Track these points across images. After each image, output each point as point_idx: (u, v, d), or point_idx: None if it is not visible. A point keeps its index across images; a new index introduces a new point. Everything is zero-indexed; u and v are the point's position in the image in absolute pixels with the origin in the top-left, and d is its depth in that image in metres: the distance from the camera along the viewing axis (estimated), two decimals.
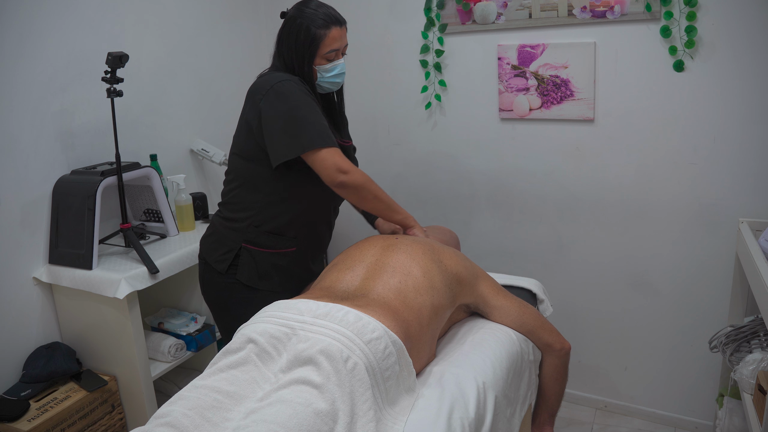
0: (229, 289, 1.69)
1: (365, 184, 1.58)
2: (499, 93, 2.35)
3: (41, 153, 1.95)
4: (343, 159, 1.55)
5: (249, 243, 1.66)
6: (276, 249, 1.68)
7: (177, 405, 1.13)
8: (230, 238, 1.68)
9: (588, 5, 2.10)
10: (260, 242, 1.66)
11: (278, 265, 1.69)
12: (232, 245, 1.67)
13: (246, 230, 1.66)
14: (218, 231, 1.72)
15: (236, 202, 1.68)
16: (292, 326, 1.26)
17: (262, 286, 1.67)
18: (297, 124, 1.53)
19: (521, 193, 2.43)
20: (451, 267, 1.51)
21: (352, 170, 1.55)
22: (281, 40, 1.64)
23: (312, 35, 1.58)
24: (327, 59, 1.63)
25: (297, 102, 1.54)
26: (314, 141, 1.53)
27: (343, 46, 1.66)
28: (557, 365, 1.63)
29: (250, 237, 1.66)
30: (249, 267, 1.66)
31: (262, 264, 1.67)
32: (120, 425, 2.00)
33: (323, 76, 1.64)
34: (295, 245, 1.70)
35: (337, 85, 1.71)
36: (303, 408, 1.08)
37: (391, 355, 1.23)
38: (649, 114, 2.12)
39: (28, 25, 1.88)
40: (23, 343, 1.94)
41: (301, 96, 1.55)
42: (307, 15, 1.58)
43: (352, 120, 2.70)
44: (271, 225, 1.66)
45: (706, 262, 2.15)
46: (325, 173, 1.54)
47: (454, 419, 1.22)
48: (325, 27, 1.59)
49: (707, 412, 2.28)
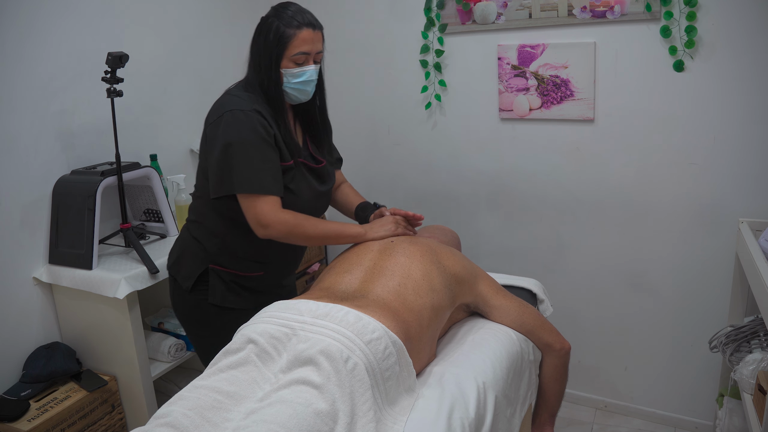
0: (199, 308, 1.65)
1: (291, 232, 1.51)
2: (499, 93, 2.35)
3: (41, 153, 1.95)
4: (267, 211, 1.48)
5: (216, 264, 1.62)
6: (244, 272, 1.64)
7: (177, 405, 1.13)
8: (198, 257, 1.63)
9: (588, 5, 2.10)
10: (227, 264, 1.62)
11: (247, 286, 1.65)
12: (199, 264, 1.62)
13: (213, 252, 1.62)
14: (186, 248, 1.67)
15: (202, 223, 1.63)
16: (292, 326, 1.26)
17: (232, 304, 1.63)
18: (230, 162, 1.47)
19: (521, 193, 2.43)
20: (450, 267, 1.51)
21: (272, 224, 1.48)
22: (253, 41, 1.57)
23: (280, 34, 1.49)
24: (295, 62, 1.52)
25: (238, 137, 1.46)
26: (241, 185, 1.47)
27: (316, 52, 1.54)
28: (557, 365, 1.63)
29: (217, 260, 1.62)
30: (218, 287, 1.62)
31: (230, 284, 1.63)
32: (120, 425, 2.00)
33: (289, 82, 1.53)
34: (262, 269, 1.66)
35: (305, 94, 1.58)
36: (303, 408, 1.08)
37: (391, 355, 1.23)
38: (649, 114, 2.12)
39: (29, 25, 1.88)
40: (23, 343, 1.94)
41: (245, 131, 1.47)
42: (280, 15, 1.51)
43: (352, 120, 2.72)
44: (236, 250, 1.61)
45: (706, 262, 2.15)
46: (249, 222, 1.50)
47: (454, 419, 1.22)
48: (296, 27, 1.49)
49: (707, 412, 2.28)
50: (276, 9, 1.54)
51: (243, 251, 1.61)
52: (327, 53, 2.70)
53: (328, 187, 1.72)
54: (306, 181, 1.62)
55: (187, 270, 1.64)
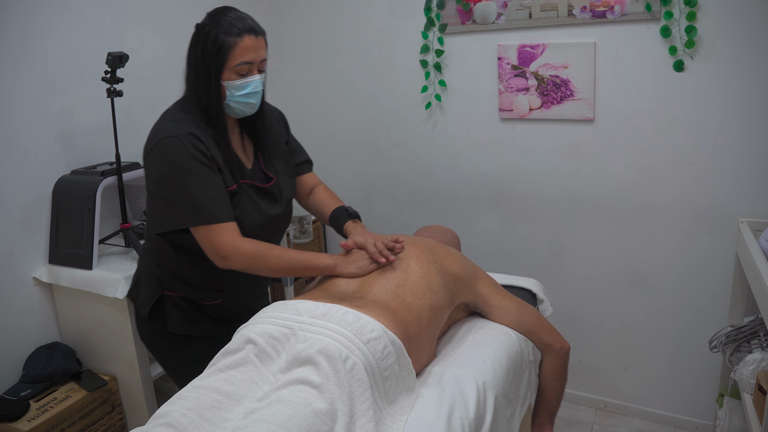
0: (161, 336, 1.56)
1: (252, 264, 1.40)
2: (499, 93, 2.35)
3: (41, 153, 1.95)
4: (225, 241, 1.36)
5: (171, 291, 1.52)
6: (202, 301, 1.53)
7: (176, 405, 1.13)
8: (153, 284, 1.53)
9: (588, 5, 2.10)
10: (183, 292, 1.52)
11: (208, 314, 1.55)
12: (154, 291, 1.52)
13: (166, 280, 1.51)
14: (142, 273, 1.57)
15: (154, 250, 1.53)
16: (290, 326, 1.26)
17: (194, 332, 1.54)
18: (172, 195, 1.36)
19: (521, 193, 2.43)
20: (449, 267, 1.51)
21: (232, 256, 1.37)
22: (188, 53, 1.42)
23: (220, 43, 1.35)
24: (238, 73, 1.39)
25: (176, 167, 1.34)
26: (190, 218, 1.36)
27: (259, 60, 1.41)
28: (557, 365, 1.63)
29: (172, 287, 1.51)
30: (174, 315, 1.52)
31: (190, 312, 1.53)
32: (120, 425, 2.00)
33: (233, 95, 1.40)
34: (220, 298, 1.54)
35: (251, 107, 1.45)
36: (302, 408, 1.08)
37: (390, 354, 1.23)
38: (649, 114, 2.12)
39: (29, 25, 1.88)
40: (23, 343, 1.94)
41: (182, 158, 1.34)
42: (217, 22, 1.37)
43: (352, 120, 2.72)
44: (187, 279, 1.51)
45: (706, 262, 2.15)
46: (207, 254, 1.40)
47: (454, 419, 1.22)
48: (236, 35, 1.35)
49: (707, 412, 2.28)
50: (212, 15, 1.40)
51: (195, 280, 1.51)
52: (327, 53, 2.72)
53: (281, 210, 1.55)
54: (253, 205, 1.48)
55: (144, 296, 1.55)
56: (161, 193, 1.39)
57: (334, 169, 2.81)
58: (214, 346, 1.35)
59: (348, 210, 1.61)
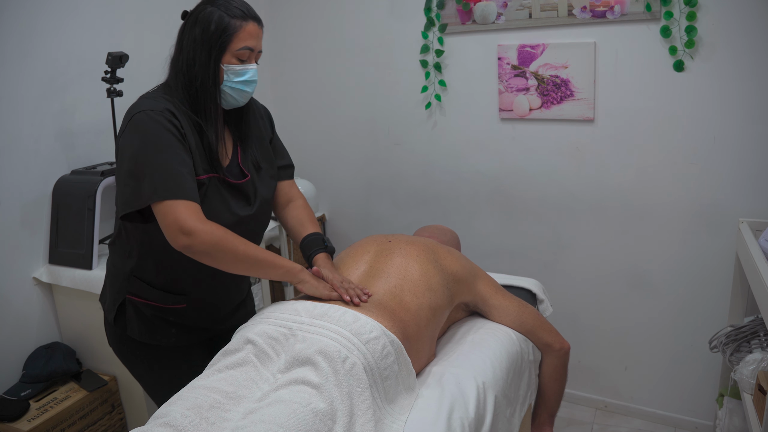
0: (123, 341, 1.46)
1: (218, 244, 1.25)
2: (499, 93, 2.35)
3: (41, 153, 1.95)
4: (189, 216, 1.23)
5: (133, 294, 1.41)
6: (164, 304, 1.40)
7: (176, 405, 1.13)
8: (115, 286, 1.43)
9: (588, 5, 2.10)
10: (145, 295, 1.40)
11: (174, 321, 1.43)
12: (116, 295, 1.42)
13: (128, 280, 1.40)
14: (108, 274, 1.48)
15: (117, 245, 1.43)
16: (290, 327, 1.26)
17: (157, 341, 1.43)
18: (142, 170, 1.24)
19: (521, 193, 2.43)
20: (448, 266, 1.51)
21: (196, 231, 1.22)
22: (182, 35, 1.34)
23: (225, 24, 1.29)
24: (238, 58, 1.33)
25: (147, 140, 1.25)
26: (156, 191, 1.23)
27: (258, 50, 1.37)
28: (557, 365, 1.63)
29: (133, 288, 1.40)
30: (136, 321, 1.41)
31: (153, 318, 1.41)
32: (120, 425, 2.00)
33: (230, 80, 1.34)
34: (184, 302, 1.41)
35: (244, 96, 1.38)
36: (302, 408, 1.08)
37: (389, 354, 1.23)
38: (649, 114, 2.12)
39: (29, 25, 1.88)
40: (23, 343, 1.94)
41: (155, 132, 1.25)
42: (220, 4, 1.31)
43: (352, 120, 2.72)
44: (151, 277, 1.39)
45: (706, 262, 2.15)
46: (166, 233, 1.25)
47: (454, 419, 1.22)
48: (242, 18, 1.31)
49: (707, 412, 2.28)
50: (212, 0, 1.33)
51: (153, 278, 1.39)
52: (327, 53, 2.72)
53: (253, 210, 1.43)
54: (222, 201, 1.36)
55: (110, 300, 1.45)
56: (132, 169, 1.25)
57: (334, 169, 2.81)
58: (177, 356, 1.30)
59: (326, 242, 1.49)
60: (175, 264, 1.34)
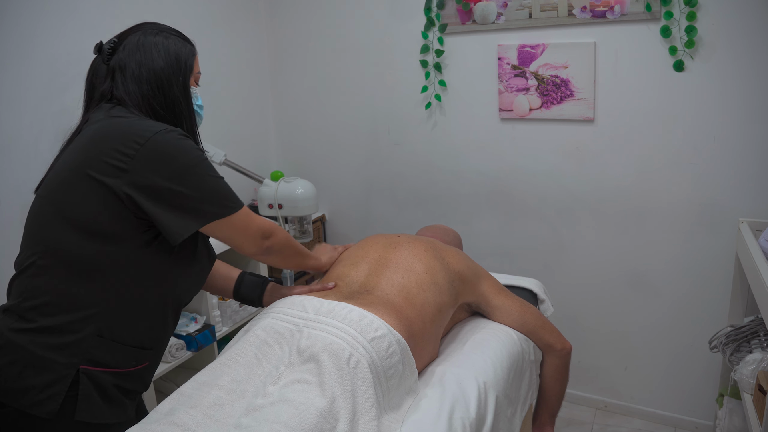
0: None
1: (289, 239, 1.33)
2: (499, 93, 2.35)
3: (41, 153, 1.94)
4: (261, 218, 1.26)
5: (90, 363, 1.12)
6: (127, 368, 1.18)
7: (178, 402, 1.13)
8: (57, 362, 1.10)
9: (588, 5, 2.10)
10: (106, 360, 1.14)
11: (129, 389, 1.20)
12: (61, 371, 1.10)
13: (85, 343, 1.11)
14: (27, 355, 1.10)
15: (61, 303, 1.12)
16: (296, 323, 1.26)
17: (114, 418, 1.16)
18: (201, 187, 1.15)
19: (521, 193, 2.43)
20: (453, 265, 1.51)
21: (276, 229, 1.27)
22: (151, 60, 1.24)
23: (188, 49, 1.29)
24: (196, 81, 1.32)
25: (190, 159, 1.14)
26: (233, 203, 1.19)
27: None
28: (558, 365, 1.63)
29: (93, 353, 1.12)
30: (92, 398, 1.12)
31: (108, 389, 1.15)
32: None
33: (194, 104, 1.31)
34: (148, 359, 1.22)
35: (200, 119, 1.34)
36: (305, 407, 1.08)
37: (394, 354, 1.23)
38: (649, 114, 2.12)
39: (29, 25, 1.88)
40: None
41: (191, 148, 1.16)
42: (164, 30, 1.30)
43: (352, 120, 2.72)
44: (123, 330, 1.16)
45: (706, 262, 2.15)
46: (246, 242, 1.23)
47: (455, 419, 1.22)
48: (191, 44, 1.32)
49: (707, 412, 2.28)
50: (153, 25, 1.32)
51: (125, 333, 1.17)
52: (327, 53, 2.72)
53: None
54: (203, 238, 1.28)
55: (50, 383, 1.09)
56: (177, 189, 1.12)
57: (334, 169, 2.81)
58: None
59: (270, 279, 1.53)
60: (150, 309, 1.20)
